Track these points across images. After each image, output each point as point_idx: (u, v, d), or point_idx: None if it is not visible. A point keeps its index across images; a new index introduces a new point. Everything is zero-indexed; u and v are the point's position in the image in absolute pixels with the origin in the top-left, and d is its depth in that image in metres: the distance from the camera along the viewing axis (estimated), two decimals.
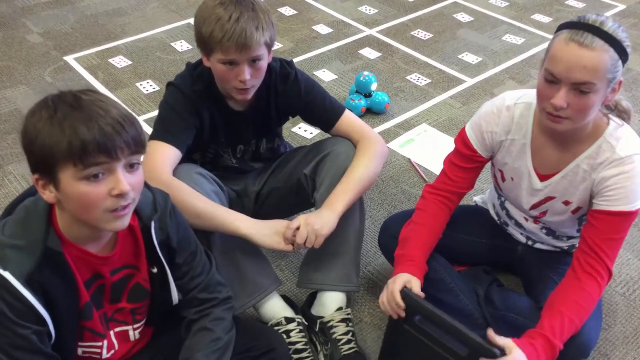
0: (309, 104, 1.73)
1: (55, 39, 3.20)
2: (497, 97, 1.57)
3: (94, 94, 1.10)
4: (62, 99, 1.07)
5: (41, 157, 1.06)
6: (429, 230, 1.61)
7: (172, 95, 1.64)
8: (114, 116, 1.06)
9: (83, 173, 1.04)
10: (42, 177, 1.08)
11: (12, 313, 1.09)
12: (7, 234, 1.12)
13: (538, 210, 1.61)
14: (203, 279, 1.36)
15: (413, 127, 2.66)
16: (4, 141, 2.50)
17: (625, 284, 1.96)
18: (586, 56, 1.28)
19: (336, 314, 1.66)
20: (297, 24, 3.44)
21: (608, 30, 1.29)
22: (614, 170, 1.41)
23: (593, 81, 1.29)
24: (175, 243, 1.29)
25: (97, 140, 1.03)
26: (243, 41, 1.48)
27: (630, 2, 3.80)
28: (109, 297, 1.26)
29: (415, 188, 2.32)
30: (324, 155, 1.70)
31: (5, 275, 1.08)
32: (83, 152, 1.02)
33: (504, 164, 1.59)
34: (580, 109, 1.33)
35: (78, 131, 1.02)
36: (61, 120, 1.03)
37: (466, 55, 3.20)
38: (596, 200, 1.46)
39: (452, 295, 1.66)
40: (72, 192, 1.06)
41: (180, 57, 3.09)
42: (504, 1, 3.77)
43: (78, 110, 1.04)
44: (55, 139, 1.03)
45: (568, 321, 1.40)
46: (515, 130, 1.53)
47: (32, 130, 1.06)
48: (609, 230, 1.43)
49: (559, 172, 1.51)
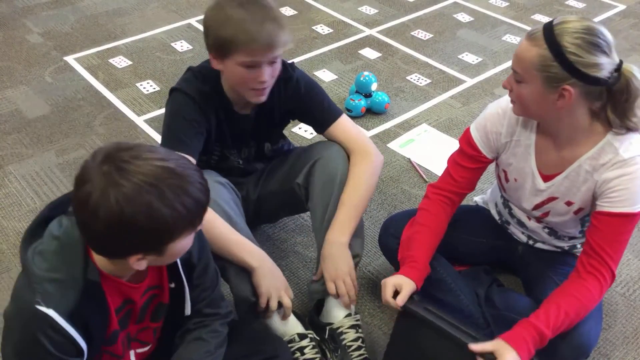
0: (307, 103, 1.72)
1: (56, 39, 3.20)
2: (501, 99, 1.57)
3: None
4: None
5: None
6: (433, 232, 1.61)
7: (178, 101, 1.61)
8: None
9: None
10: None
11: (54, 349, 1.09)
12: (44, 267, 1.10)
13: (541, 211, 1.61)
14: (210, 294, 1.36)
15: (413, 128, 2.66)
16: (4, 141, 2.50)
17: (625, 284, 1.96)
18: (522, 45, 1.36)
19: (345, 320, 1.63)
20: (297, 24, 3.44)
21: (556, 30, 1.30)
22: (617, 172, 1.41)
23: (516, 69, 1.37)
24: (195, 259, 1.29)
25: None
26: (271, 42, 1.46)
27: (630, 2, 3.80)
28: (136, 318, 1.27)
29: (416, 188, 2.32)
30: (314, 162, 1.70)
31: (49, 313, 1.07)
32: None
33: (508, 164, 1.60)
34: (517, 95, 1.41)
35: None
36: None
37: (466, 56, 3.20)
38: (599, 202, 1.45)
39: (452, 295, 1.66)
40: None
41: (181, 58, 3.09)
42: (504, 1, 3.77)
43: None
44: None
45: (563, 313, 1.40)
46: (520, 132, 1.53)
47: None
48: (612, 232, 1.43)
49: (562, 172, 1.51)
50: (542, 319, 1.39)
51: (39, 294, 1.07)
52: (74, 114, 2.66)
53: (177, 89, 1.62)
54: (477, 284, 1.76)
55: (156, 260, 1.11)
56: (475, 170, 1.62)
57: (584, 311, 1.44)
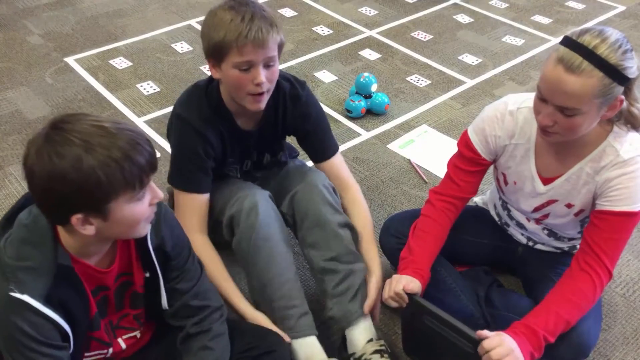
0: (314, 132, 1.75)
1: (56, 41, 3.21)
2: (499, 101, 1.57)
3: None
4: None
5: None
6: (435, 239, 1.61)
7: (181, 132, 1.62)
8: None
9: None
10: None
11: (37, 333, 1.10)
12: (13, 255, 1.11)
13: (540, 213, 1.61)
14: (194, 284, 1.36)
15: (413, 128, 2.66)
16: (4, 142, 2.50)
17: (625, 284, 1.96)
18: (570, 82, 1.26)
19: (368, 346, 1.57)
20: (297, 25, 3.44)
21: (602, 54, 1.25)
22: (618, 172, 1.41)
23: (576, 107, 1.29)
24: (169, 247, 1.29)
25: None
26: (260, 38, 1.46)
27: (630, 3, 3.80)
28: (114, 305, 1.27)
29: (416, 189, 2.32)
30: (294, 193, 1.70)
31: (24, 299, 1.08)
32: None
33: (507, 167, 1.59)
34: (567, 128, 1.34)
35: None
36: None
37: (466, 57, 3.20)
38: (599, 201, 1.46)
39: (452, 295, 1.66)
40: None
41: (181, 59, 3.09)
42: (504, 2, 3.77)
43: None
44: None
45: (554, 315, 1.41)
46: (519, 135, 1.53)
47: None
48: (609, 230, 1.43)
49: (562, 175, 1.51)
50: (540, 322, 1.40)
51: (12, 282, 1.09)
52: None
53: (180, 116, 1.63)
54: (477, 284, 1.77)
55: (105, 226, 1.10)
56: (476, 173, 1.61)
57: (578, 310, 1.44)
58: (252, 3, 1.50)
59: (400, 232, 1.72)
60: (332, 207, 1.67)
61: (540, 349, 1.40)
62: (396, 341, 1.74)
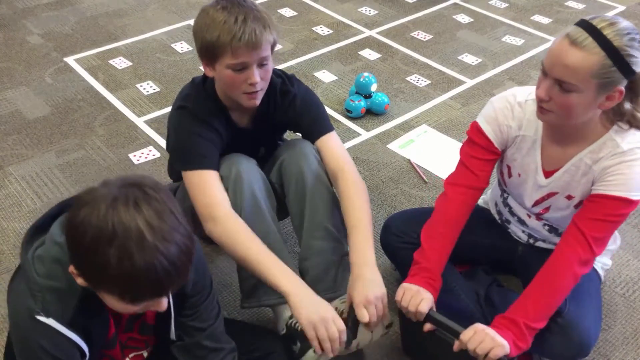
0: (301, 114, 1.71)
1: (56, 40, 3.21)
2: (505, 93, 1.57)
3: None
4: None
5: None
6: (451, 241, 1.59)
7: (184, 118, 1.61)
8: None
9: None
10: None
11: (59, 352, 1.12)
12: (43, 273, 1.11)
13: (541, 207, 1.61)
14: (210, 324, 1.33)
15: (413, 128, 2.66)
16: (4, 142, 2.50)
17: (625, 284, 1.97)
18: (571, 54, 1.28)
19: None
20: (297, 25, 3.44)
21: (607, 34, 1.27)
22: (616, 160, 1.42)
23: (572, 81, 1.29)
24: (189, 289, 1.27)
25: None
26: (253, 41, 1.45)
27: (630, 3, 3.80)
28: (124, 327, 1.28)
29: (416, 189, 2.32)
30: (282, 160, 1.69)
31: (50, 323, 1.10)
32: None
33: (513, 160, 1.60)
34: (562, 105, 1.34)
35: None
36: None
37: (466, 57, 3.20)
38: (594, 187, 1.46)
39: (452, 295, 1.66)
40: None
41: (181, 59, 3.09)
42: (504, 2, 3.77)
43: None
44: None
45: (532, 300, 1.42)
46: (527, 127, 1.53)
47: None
48: (599, 212, 1.42)
49: (562, 167, 1.52)
50: (521, 314, 1.41)
51: (39, 302, 1.09)
52: (74, 115, 2.67)
53: (183, 106, 1.62)
54: (477, 284, 1.77)
55: (94, 289, 1.07)
56: (491, 162, 1.59)
57: (561, 292, 1.44)
58: (245, 2, 1.50)
59: (401, 230, 1.72)
60: (319, 172, 1.65)
61: (524, 337, 1.40)
62: (396, 341, 1.74)
